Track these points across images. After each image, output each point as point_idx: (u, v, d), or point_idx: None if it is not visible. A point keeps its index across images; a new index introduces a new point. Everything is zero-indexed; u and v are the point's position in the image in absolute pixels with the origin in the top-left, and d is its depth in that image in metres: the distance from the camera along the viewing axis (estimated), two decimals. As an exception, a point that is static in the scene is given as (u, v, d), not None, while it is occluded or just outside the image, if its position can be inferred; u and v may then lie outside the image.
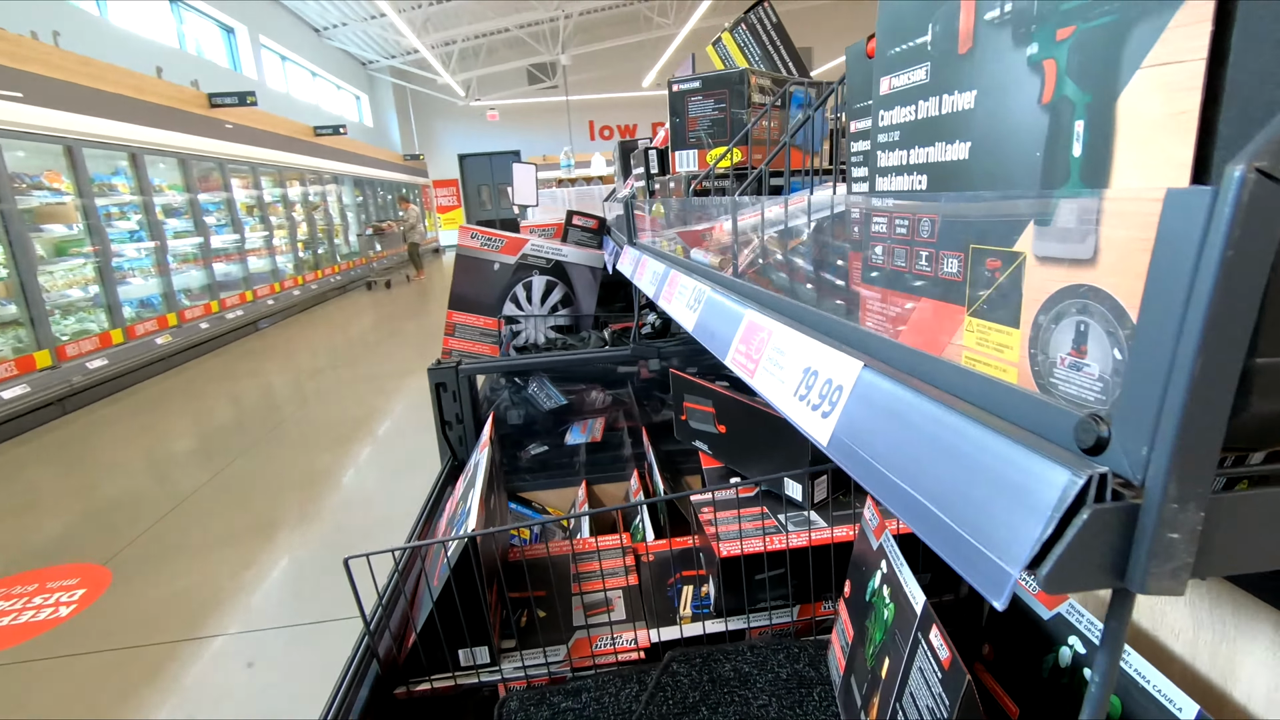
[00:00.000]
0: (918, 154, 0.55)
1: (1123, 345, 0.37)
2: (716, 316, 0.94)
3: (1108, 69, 0.37)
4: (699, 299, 1.06)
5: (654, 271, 1.45)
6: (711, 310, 0.98)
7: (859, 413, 0.52)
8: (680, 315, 1.13)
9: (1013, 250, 0.44)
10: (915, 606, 0.91)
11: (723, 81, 1.35)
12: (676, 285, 1.22)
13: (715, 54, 2.36)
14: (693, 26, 14.94)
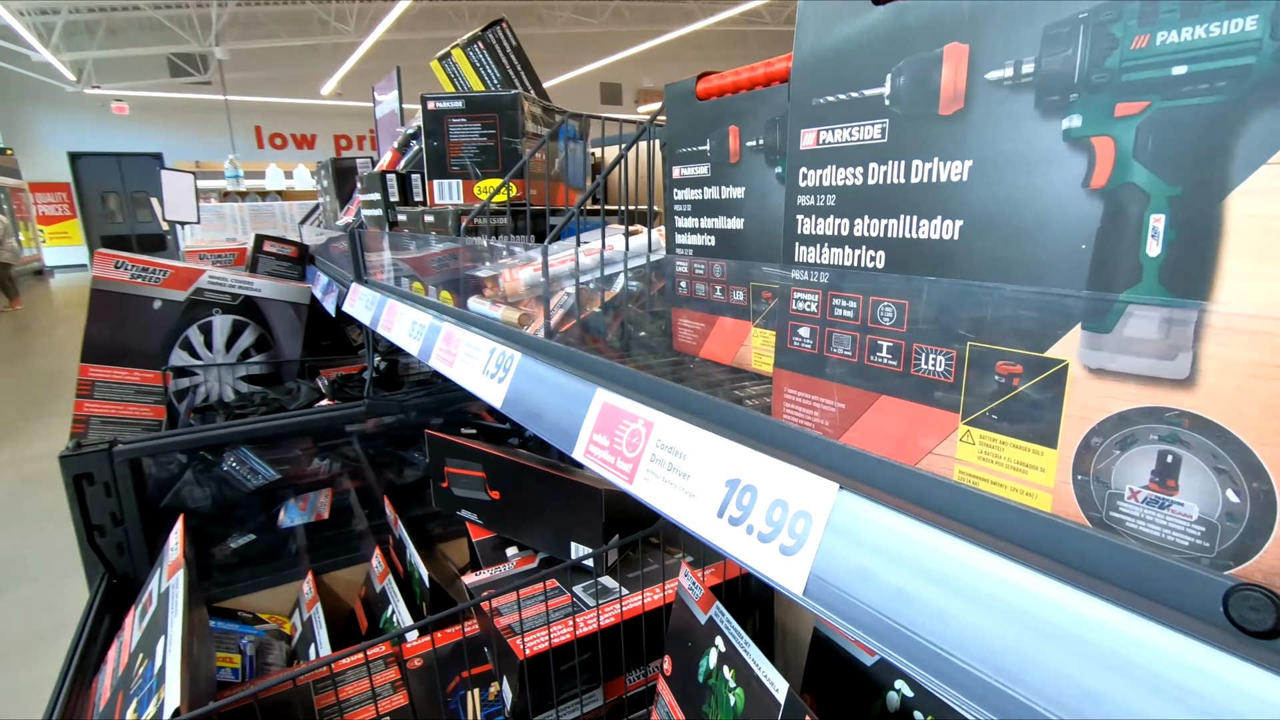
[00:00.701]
0: (869, 225, 0.46)
1: (1239, 488, 0.30)
2: (542, 392, 0.77)
3: (1208, 161, 0.31)
4: (504, 365, 0.86)
5: (414, 322, 1.20)
6: (531, 383, 0.80)
7: (852, 556, 0.41)
8: (474, 383, 0.92)
9: (1046, 356, 0.36)
10: (776, 695, 0.84)
11: (492, 105, 1.17)
12: (459, 344, 1.00)
13: (442, 70, 2.14)
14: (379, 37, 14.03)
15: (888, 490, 0.42)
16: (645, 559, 1.43)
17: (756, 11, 14.48)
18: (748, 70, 0.72)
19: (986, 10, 0.38)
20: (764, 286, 0.74)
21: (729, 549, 0.49)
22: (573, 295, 0.94)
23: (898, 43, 0.43)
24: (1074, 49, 0.35)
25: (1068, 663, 0.31)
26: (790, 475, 0.46)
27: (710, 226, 0.81)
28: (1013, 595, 0.34)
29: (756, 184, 0.73)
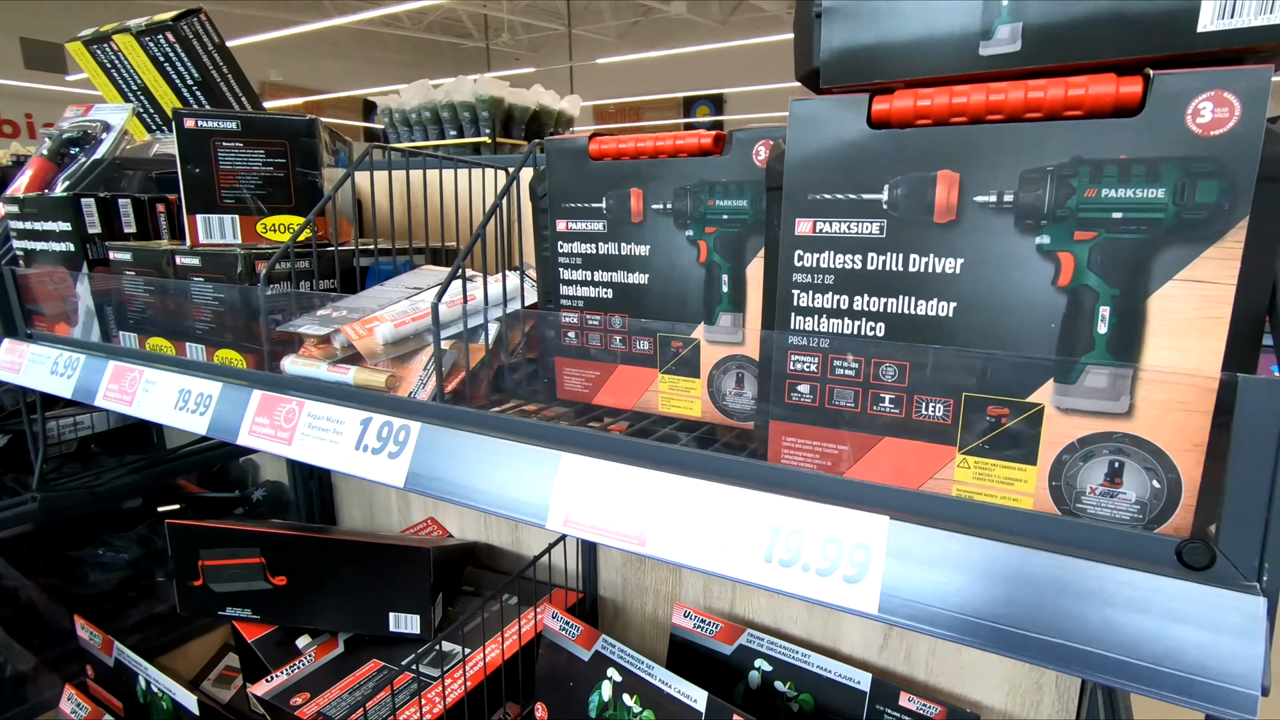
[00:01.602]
0: (870, 302, 0.57)
1: (1161, 482, 0.49)
2: (473, 464, 0.72)
3: (1137, 272, 0.48)
4: (394, 439, 0.78)
5: (189, 392, 0.96)
6: (449, 455, 0.74)
7: (923, 577, 0.51)
8: (341, 462, 0.80)
9: (1027, 401, 0.52)
10: (695, 705, 0.92)
11: (282, 129, 0.99)
12: (299, 417, 0.85)
13: (88, 57, 1.72)
14: None
15: (913, 513, 0.54)
16: (470, 609, 1.36)
17: (397, 16, 13.98)
18: (652, 139, 0.78)
19: (973, 148, 0.52)
20: (673, 337, 0.81)
21: (784, 587, 0.55)
22: (443, 351, 0.88)
23: (893, 160, 0.54)
24: (1043, 190, 0.50)
25: (1088, 607, 0.46)
26: (838, 515, 0.55)
27: (607, 280, 0.84)
28: (1035, 568, 0.48)
29: (663, 243, 0.79)
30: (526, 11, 13.48)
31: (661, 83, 14.77)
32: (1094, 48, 0.48)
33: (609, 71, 14.54)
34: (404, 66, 15.88)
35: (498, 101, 7.06)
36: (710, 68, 14.02)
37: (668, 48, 13.32)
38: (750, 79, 13.49)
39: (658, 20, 14.03)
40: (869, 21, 0.54)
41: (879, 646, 1.13)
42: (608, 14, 13.78)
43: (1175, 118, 0.46)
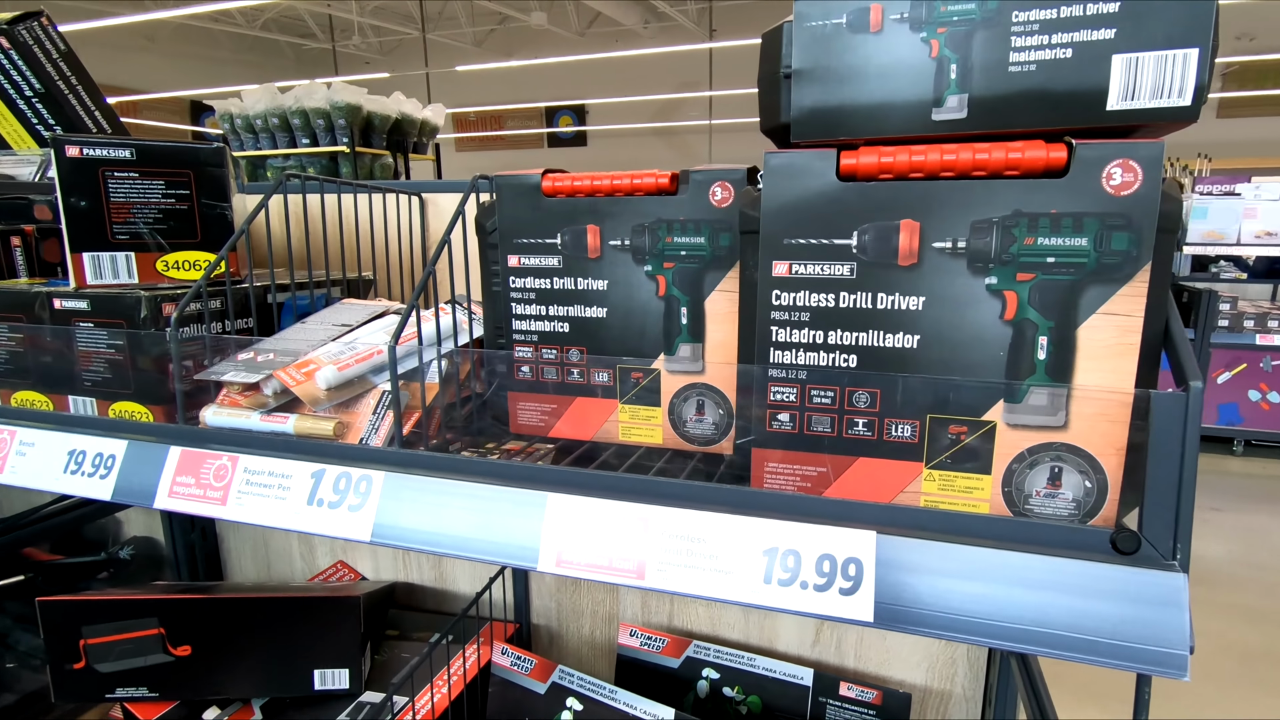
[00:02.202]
0: (842, 337, 0.63)
1: (1092, 482, 0.59)
2: (449, 513, 0.70)
3: (1067, 308, 0.57)
4: (354, 491, 0.74)
5: (82, 453, 0.85)
6: (420, 505, 0.72)
7: (908, 582, 0.57)
8: (291, 519, 0.75)
9: (982, 419, 0.60)
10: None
11: (185, 158, 0.91)
12: (234, 474, 0.79)
13: None
14: None
15: (893, 525, 0.60)
16: (401, 651, 1.30)
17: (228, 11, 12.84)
18: (609, 177, 0.80)
19: (931, 200, 0.59)
20: (634, 368, 0.83)
21: (785, 605, 0.59)
22: (389, 393, 0.85)
23: (861, 209, 0.61)
24: (990, 238, 0.58)
25: (1046, 595, 0.54)
26: (831, 533, 0.60)
27: (563, 314, 0.85)
28: (1002, 567, 0.55)
29: (621, 277, 0.81)
30: (377, 14, 12.88)
31: (522, 92, 14.67)
32: (1027, 118, 0.57)
33: (467, 79, 14.23)
34: (237, 66, 14.63)
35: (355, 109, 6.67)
36: (571, 78, 14.13)
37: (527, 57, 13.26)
38: (610, 90, 13.74)
39: (516, 29, 13.93)
40: (835, 85, 0.60)
41: (811, 641, 1.22)
42: (464, 20, 13.48)
43: (1094, 179, 0.55)
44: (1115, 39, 0.54)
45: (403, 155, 6.50)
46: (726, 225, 0.76)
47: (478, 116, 15.82)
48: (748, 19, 12.27)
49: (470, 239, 0.90)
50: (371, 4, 12.58)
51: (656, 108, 13.93)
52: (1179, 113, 0.54)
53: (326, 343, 0.92)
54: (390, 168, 6.32)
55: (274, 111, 6.15)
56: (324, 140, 6.17)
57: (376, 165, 6.21)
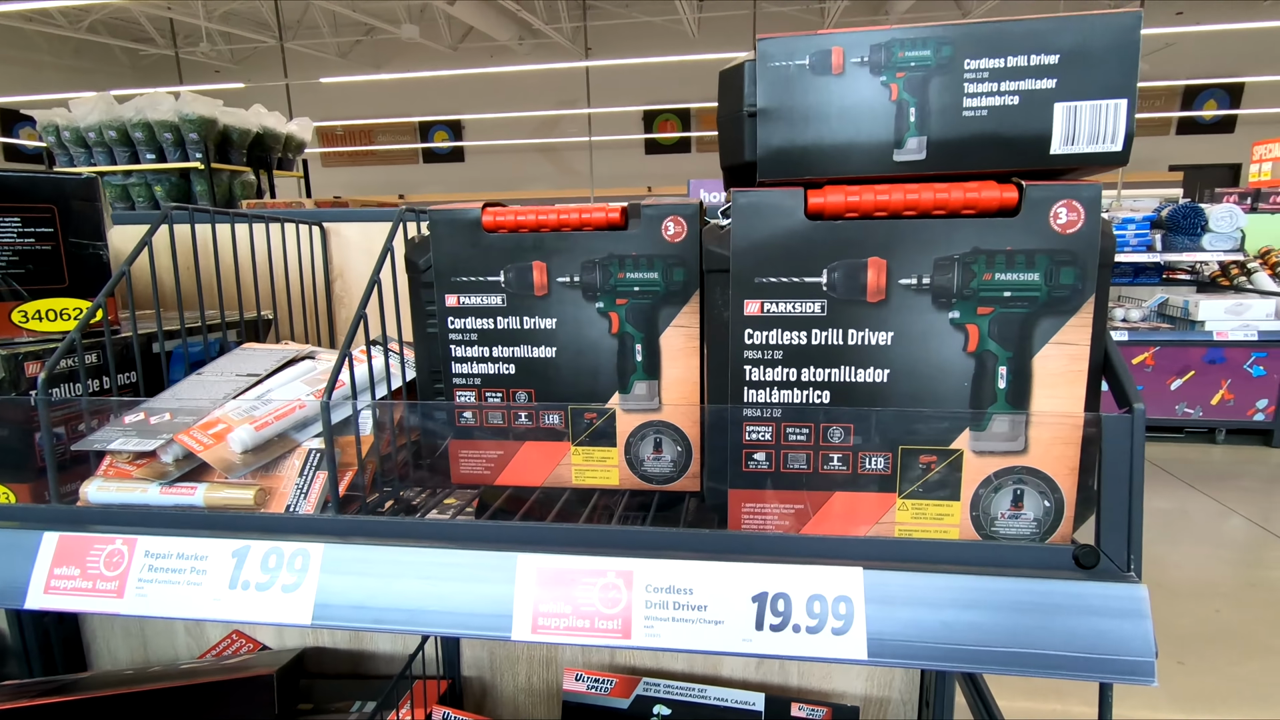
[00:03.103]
0: (816, 373, 0.63)
1: (1051, 502, 0.62)
2: (403, 583, 0.64)
3: (1024, 339, 0.61)
4: (287, 567, 0.66)
5: (-78, 548, 0.70)
6: (368, 578, 0.65)
7: (896, 616, 0.58)
8: (209, 607, 0.66)
9: (950, 448, 0.62)
10: (627, 773, 0.90)
11: (47, 190, 0.77)
12: (131, 560, 0.68)
13: None
14: None
15: (875, 558, 0.61)
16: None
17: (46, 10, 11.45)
18: (555, 212, 0.76)
19: (896, 238, 0.60)
20: (586, 408, 0.80)
21: (780, 651, 0.58)
22: (317, 452, 0.76)
23: (830, 247, 0.61)
24: (952, 274, 0.60)
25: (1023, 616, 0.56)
26: (819, 572, 0.59)
27: (509, 355, 0.80)
28: (979, 591, 0.58)
29: (571, 315, 0.78)
30: (227, 20, 11.96)
31: (393, 106, 14.12)
32: (980, 160, 0.60)
33: (332, 91, 13.51)
34: (59, 72, 13.07)
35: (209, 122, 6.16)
36: (445, 92, 13.77)
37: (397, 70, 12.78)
38: (487, 106, 13.52)
39: (384, 41, 13.40)
40: (801, 125, 0.61)
41: (756, 664, 1.22)
42: (326, 30, 12.79)
43: (1042, 218, 0.58)
44: (1056, 88, 0.58)
45: (266, 172, 6.05)
46: (680, 260, 0.75)
47: (345, 131, 15.04)
48: (622, 39, 12.50)
49: (391, 270, 0.84)
50: (220, 9, 11.65)
51: (536, 124, 13.85)
52: (1112, 157, 0.58)
53: (233, 397, 0.82)
54: (253, 185, 5.85)
55: (110, 124, 5.52)
56: (173, 155, 5.61)
57: (236, 183, 5.73)
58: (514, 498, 0.86)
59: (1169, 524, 3.35)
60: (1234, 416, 4.44)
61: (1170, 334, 4.43)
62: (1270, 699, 2.11)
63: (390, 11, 11.46)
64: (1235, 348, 4.34)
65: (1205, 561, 3.01)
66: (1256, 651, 2.34)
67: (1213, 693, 2.14)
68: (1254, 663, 2.28)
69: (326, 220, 1.21)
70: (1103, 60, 0.57)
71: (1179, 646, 2.36)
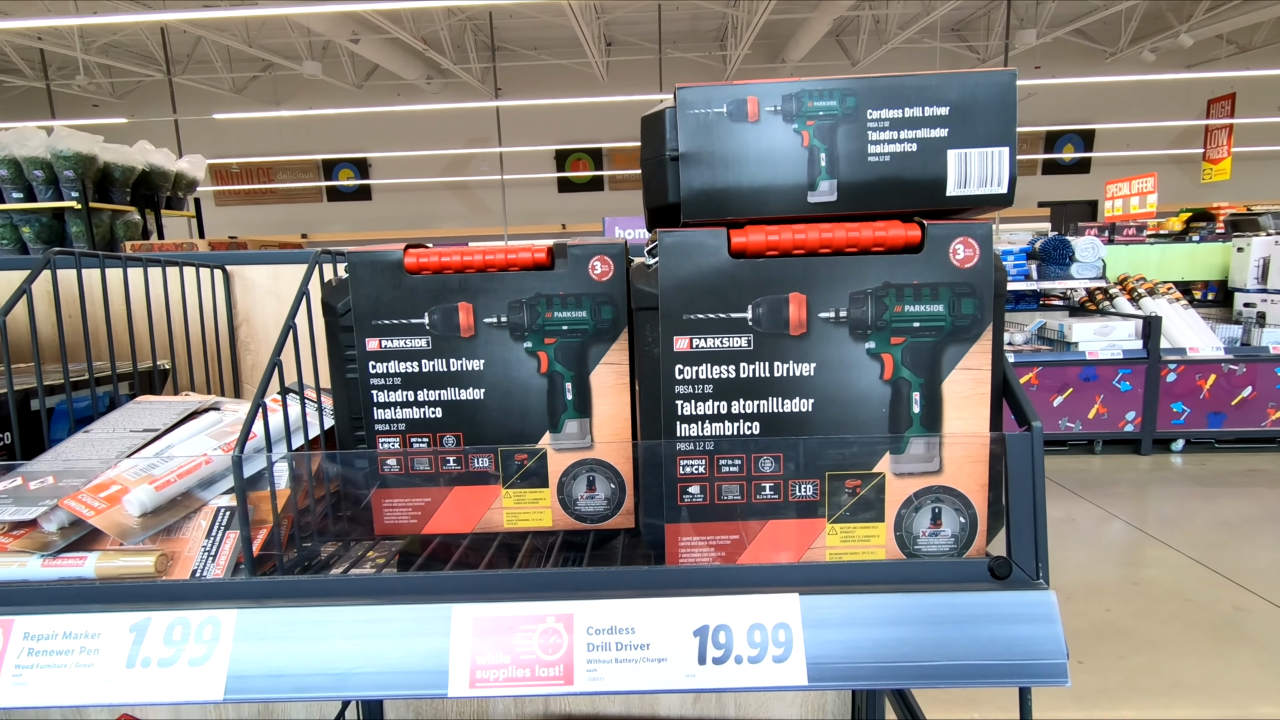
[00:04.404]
0: (745, 405, 0.65)
1: (965, 517, 0.66)
2: (329, 645, 0.60)
3: (933, 366, 0.65)
4: (195, 639, 0.61)
5: None
6: (284, 644, 0.60)
7: (832, 639, 0.59)
8: (100, 692, 0.59)
9: (872, 471, 0.66)
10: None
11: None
12: (8, 646, 0.60)
13: None
14: None
15: (810, 583, 0.63)
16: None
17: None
18: (480, 253, 0.76)
19: (814, 274, 0.64)
20: (516, 450, 0.79)
21: (724, 684, 0.59)
22: (226, 510, 0.71)
23: (753, 284, 0.64)
24: (866, 308, 0.64)
25: (935, 631, 0.59)
26: (757, 602, 0.60)
27: (434, 399, 0.78)
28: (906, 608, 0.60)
29: (498, 356, 0.77)
30: (107, 53, 11.28)
31: (294, 143, 13.65)
32: (885, 201, 0.64)
33: (227, 128, 12.93)
34: (-94, 103, 11.91)
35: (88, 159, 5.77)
36: (350, 130, 13.45)
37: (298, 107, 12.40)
38: (394, 144, 13.29)
39: (285, 77, 12.99)
40: (721, 169, 0.64)
41: (693, 700, 1.22)
42: (219, 65, 12.28)
43: (943, 254, 0.63)
44: (949, 136, 0.63)
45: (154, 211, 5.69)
46: (608, 298, 0.76)
47: (242, 168, 14.37)
48: (531, 80, 12.66)
49: (308, 314, 0.80)
50: (99, 40, 10.98)
51: (446, 162, 13.72)
52: (999, 199, 0.64)
53: (127, 455, 0.76)
54: (138, 226, 5.47)
55: (-32, 161, 5.06)
56: (44, 195, 5.18)
57: (119, 223, 5.35)
58: (442, 546, 0.83)
59: (1061, 530, 3.60)
60: (1108, 429, 4.85)
61: (1049, 355, 4.83)
62: (1161, 688, 2.29)
63: (290, 48, 11.15)
64: (1105, 365, 4.76)
65: (1094, 564, 3.25)
66: (1144, 645, 2.54)
67: (1113, 688, 2.29)
68: (1143, 655, 2.47)
69: (230, 263, 1.15)
70: (985, 112, 0.63)
71: (1077, 646, 2.53)
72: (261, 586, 0.64)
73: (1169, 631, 2.64)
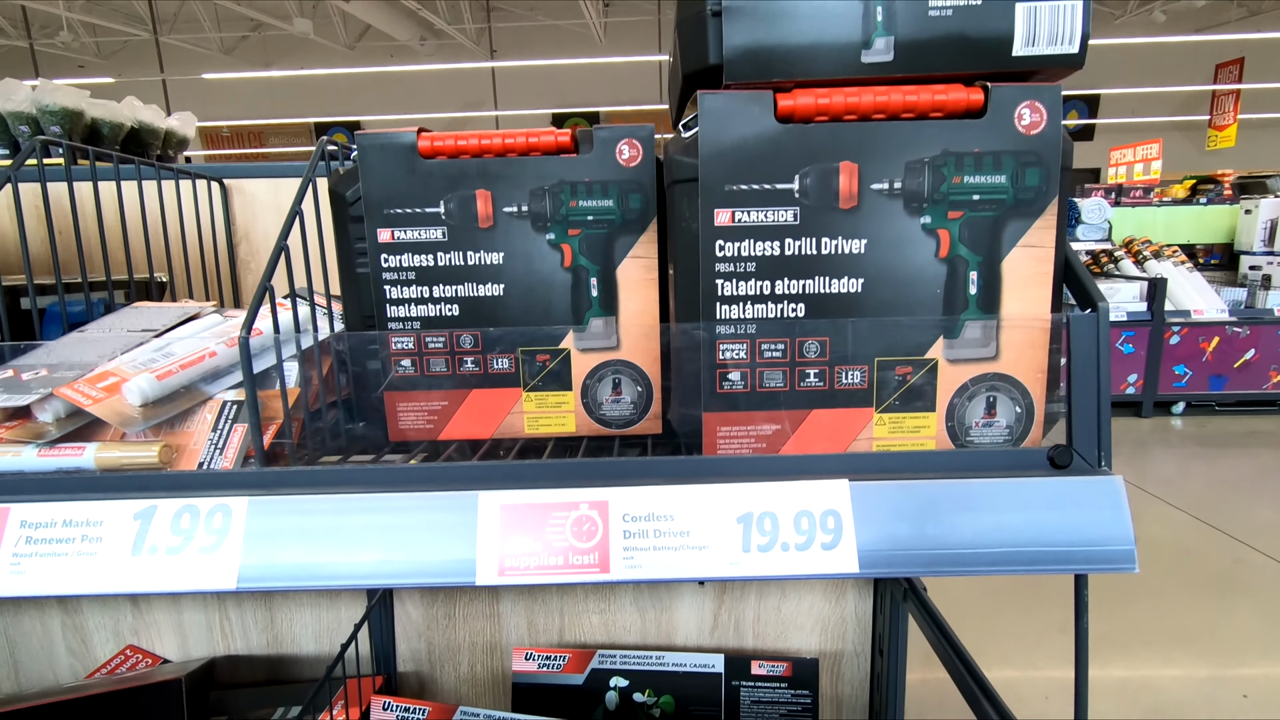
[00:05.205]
0: (790, 285, 0.60)
1: (1022, 407, 0.63)
2: (348, 536, 0.56)
3: (993, 243, 0.60)
4: (204, 526, 0.57)
5: None
6: (305, 533, 0.57)
7: (884, 526, 0.56)
8: (112, 581, 0.56)
9: (925, 357, 0.62)
10: (592, 743, 0.85)
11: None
12: (5, 533, 0.56)
13: None
14: None
15: (862, 473, 0.59)
16: None
17: None
18: (500, 135, 0.71)
19: (867, 142, 0.59)
20: (538, 350, 0.75)
21: (769, 571, 0.55)
22: (233, 404, 0.67)
23: (800, 152, 0.59)
24: (923, 178, 0.59)
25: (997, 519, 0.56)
26: (806, 488, 0.57)
27: (451, 294, 0.74)
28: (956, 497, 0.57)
29: (519, 249, 0.73)
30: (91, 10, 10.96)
31: (285, 106, 13.37)
32: (945, 62, 0.59)
33: (216, 89, 12.65)
34: (-116, 61, 11.60)
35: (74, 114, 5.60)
36: (342, 92, 13.17)
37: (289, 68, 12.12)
38: (388, 107, 13.03)
39: (275, 37, 12.67)
40: (767, 24, 0.58)
41: (710, 628, 1.19)
42: (207, 24, 11.96)
43: (1008, 120, 0.58)
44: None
45: (144, 169, 5.56)
46: (636, 185, 0.71)
47: (232, 132, 14.10)
48: (527, 41, 12.37)
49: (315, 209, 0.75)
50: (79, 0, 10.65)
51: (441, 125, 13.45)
52: (1070, 59, 0.59)
53: (124, 352, 0.71)
54: (128, 183, 5.37)
55: (-47, 114, 4.92)
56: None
57: (109, 180, 5.24)
58: (459, 453, 0.79)
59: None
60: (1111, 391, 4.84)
61: (1054, 316, 4.78)
62: (1161, 636, 2.29)
63: (279, 7, 10.85)
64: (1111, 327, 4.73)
65: (1097, 520, 3.25)
66: (1144, 595, 2.54)
67: (1114, 635, 2.30)
68: (1143, 604, 2.47)
69: (228, 177, 1.09)
70: (1059, -40, 0.57)
71: (1081, 598, 2.54)
72: (274, 476, 0.60)
73: (1169, 583, 2.65)
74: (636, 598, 1.17)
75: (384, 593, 1.13)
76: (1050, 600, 2.43)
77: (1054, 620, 2.35)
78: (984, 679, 0.82)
